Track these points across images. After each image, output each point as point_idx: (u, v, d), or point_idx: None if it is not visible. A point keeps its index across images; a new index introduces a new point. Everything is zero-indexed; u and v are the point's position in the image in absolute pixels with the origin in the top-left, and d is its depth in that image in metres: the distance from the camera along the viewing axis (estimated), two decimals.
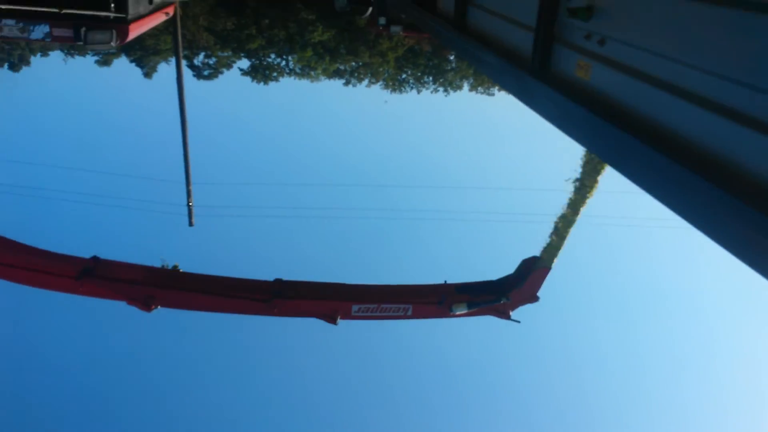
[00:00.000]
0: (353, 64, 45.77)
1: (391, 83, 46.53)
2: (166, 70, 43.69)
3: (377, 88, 46.87)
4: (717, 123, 2.33)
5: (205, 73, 44.09)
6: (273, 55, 45.10)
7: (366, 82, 46.68)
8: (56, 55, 44.51)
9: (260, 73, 44.83)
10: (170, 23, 30.84)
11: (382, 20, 8.67)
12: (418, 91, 47.54)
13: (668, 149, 2.51)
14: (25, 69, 42.84)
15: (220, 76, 45.10)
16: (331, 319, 4.95)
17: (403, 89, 46.77)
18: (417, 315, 5.03)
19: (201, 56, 44.38)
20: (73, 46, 42.13)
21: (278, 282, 5.28)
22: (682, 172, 2.31)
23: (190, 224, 15.33)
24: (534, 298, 5.21)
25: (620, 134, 2.58)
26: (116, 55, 43.93)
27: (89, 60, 43.37)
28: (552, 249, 6.64)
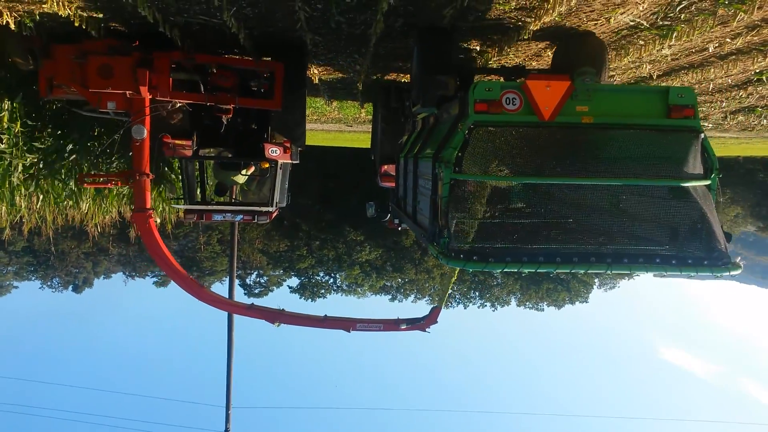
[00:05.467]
0: (399, 280, 46.51)
1: (436, 298, 46.50)
2: (219, 289, 45.25)
3: (423, 303, 46.83)
4: None
5: (256, 290, 45.40)
6: (321, 273, 46.53)
7: (412, 297, 46.91)
8: (118, 277, 47.09)
9: (308, 290, 45.80)
10: (227, 246, 32.80)
11: (396, 221, 11.34)
12: (465, 306, 47.14)
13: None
14: (87, 290, 45.15)
15: (270, 293, 46.37)
16: (347, 330, 10.23)
17: (449, 305, 46.50)
18: (386, 329, 10.57)
19: (254, 275, 46.23)
20: (134, 270, 44.91)
21: (326, 315, 10.57)
22: None
23: None
24: (435, 322, 10.65)
25: None
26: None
27: (148, 281, 45.56)
28: (442, 298, 12.88)
